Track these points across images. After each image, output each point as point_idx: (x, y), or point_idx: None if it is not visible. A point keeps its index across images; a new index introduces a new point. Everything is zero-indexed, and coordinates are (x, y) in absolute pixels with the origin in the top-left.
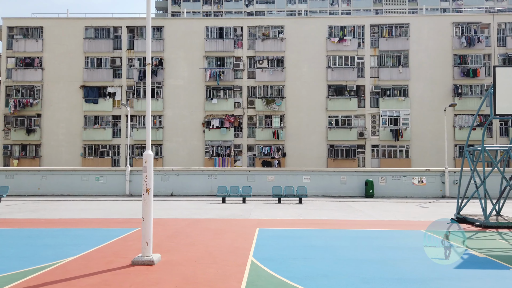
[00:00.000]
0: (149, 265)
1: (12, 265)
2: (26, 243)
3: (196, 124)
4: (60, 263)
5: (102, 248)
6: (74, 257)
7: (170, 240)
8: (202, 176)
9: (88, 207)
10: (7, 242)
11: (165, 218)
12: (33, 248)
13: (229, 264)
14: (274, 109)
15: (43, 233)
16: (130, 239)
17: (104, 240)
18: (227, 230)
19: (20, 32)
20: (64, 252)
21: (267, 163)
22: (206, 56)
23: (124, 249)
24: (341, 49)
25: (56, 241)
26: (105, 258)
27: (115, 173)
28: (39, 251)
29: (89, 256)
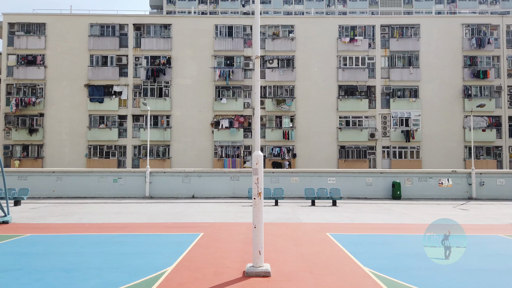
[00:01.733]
0: (265, 276)
1: (115, 277)
2: (101, 252)
3: (204, 124)
4: (163, 275)
5: (189, 257)
6: (170, 267)
7: (251, 247)
8: (224, 177)
9: (120, 210)
10: (80, 250)
11: (218, 222)
12: (114, 257)
13: (350, 275)
14: (284, 110)
15: (106, 240)
16: (208, 246)
17: (179, 247)
18: (297, 235)
19: (21, 28)
20: (153, 261)
21: (277, 164)
22: (215, 55)
23: (216, 258)
24: (351, 49)
25: (131, 249)
26: (207, 268)
27: (134, 175)
28: (125, 261)
29: (187, 267)
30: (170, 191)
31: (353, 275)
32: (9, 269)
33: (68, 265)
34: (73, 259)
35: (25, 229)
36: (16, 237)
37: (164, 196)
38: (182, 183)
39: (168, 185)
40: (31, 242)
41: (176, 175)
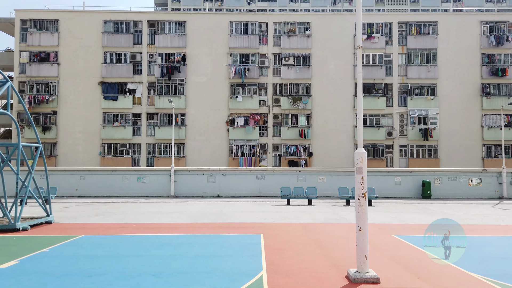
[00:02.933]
0: (374, 283)
1: (216, 283)
2: (174, 254)
3: (219, 122)
4: (263, 280)
5: (272, 260)
6: (262, 271)
7: (331, 251)
8: (250, 176)
9: (156, 210)
10: (152, 252)
11: (267, 222)
12: (193, 259)
13: (463, 281)
14: (300, 108)
15: (169, 241)
16: (281, 248)
17: (251, 250)
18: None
19: (34, 25)
20: (239, 265)
21: (293, 163)
22: (230, 53)
23: (301, 262)
24: (369, 47)
25: (204, 251)
26: (301, 273)
27: (158, 173)
28: (210, 264)
29: (279, 271)
30: (195, 190)
31: (465, 281)
32: (94, 273)
33: (152, 269)
34: (152, 262)
35: (75, 230)
36: (71, 238)
37: (189, 195)
38: (207, 182)
39: (193, 184)
40: (92, 243)
41: (201, 174)
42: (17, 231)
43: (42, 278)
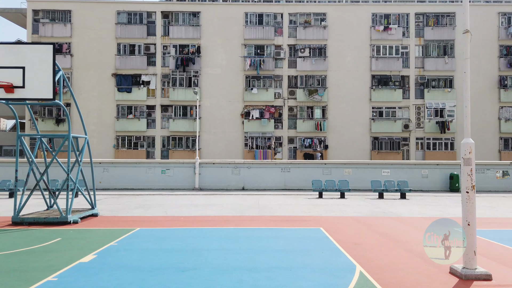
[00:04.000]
0: (486, 279)
1: (323, 280)
2: (246, 248)
3: (234, 115)
4: (364, 276)
5: (358, 256)
6: (358, 267)
7: (408, 245)
8: (274, 169)
9: (188, 203)
10: (224, 246)
11: (316, 216)
12: (273, 253)
13: None
14: (316, 100)
15: (232, 234)
16: (355, 243)
17: (324, 244)
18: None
19: (46, 15)
20: (327, 260)
21: (309, 156)
22: (245, 44)
23: (390, 257)
24: (385, 38)
25: (275, 245)
26: (400, 269)
27: (183, 166)
28: (294, 259)
29: (374, 267)
30: (219, 182)
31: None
32: (186, 267)
33: (243, 263)
34: (236, 256)
35: (125, 223)
36: (128, 231)
37: (213, 187)
38: (231, 175)
39: (218, 177)
40: (156, 236)
41: (225, 167)
42: (68, 224)
43: (135, 273)
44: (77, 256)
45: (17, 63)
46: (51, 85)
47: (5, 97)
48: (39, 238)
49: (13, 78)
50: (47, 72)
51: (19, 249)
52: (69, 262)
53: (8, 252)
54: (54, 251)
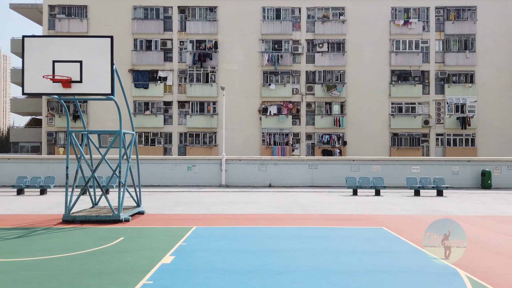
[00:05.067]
0: None
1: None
2: (327, 248)
3: (252, 110)
4: (473, 280)
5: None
6: (460, 272)
7: (493, 247)
8: (301, 166)
9: (225, 200)
10: (300, 247)
11: (366, 214)
12: (362, 256)
13: None
14: (335, 96)
15: (301, 234)
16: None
17: (398, 244)
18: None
19: (62, 11)
20: (420, 263)
21: (327, 152)
22: (262, 39)
23: (480, 258)
24: (405, 33)
25: (351, 245)
26: (508, 274)
27: (209, 162)
28: (390, 261)
29: (476, 270)
30: (246, 179)
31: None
32: (279, 270)
33: (332, 266)
34: (322, 258)
35: (178, 221)
36: (187, 230)
37: (240, 184)
38: (258, 172)
39: (244, 173)
40: (221, 236)
41: (252, 163)
42: (120, 222)
43: (230, 275)
44: (155, 256)
45: (74, 57)
46: (109, 80)
47: (62, 92)
48: (102, 238)
49: (70, 72)
50: (105, 66)
51: (89, 249)
52: (151, 263)
53: (81, 252)
54: (126, 251)
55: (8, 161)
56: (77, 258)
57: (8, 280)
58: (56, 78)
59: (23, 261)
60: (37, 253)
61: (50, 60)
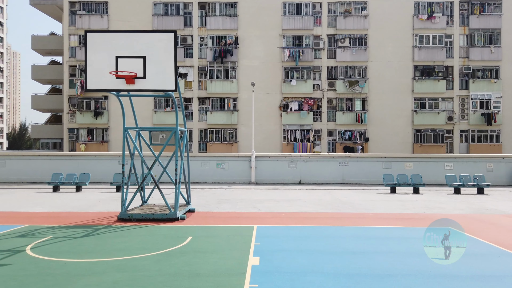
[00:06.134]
0: None
1: None
2: (415, 251)
3: (272, 107)
4: None
5: None
6: None
7: None
8: (332, 162)
9: (261, 198)
10: (390, 248)
11: (406, 213)
12: (460, 259)
13: None
14: (357, 92)
15: (363, 234)
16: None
17: (483, 248)
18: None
19: (82, 7)
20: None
21: (349, 149)
22: (283, 35)
23: None
24: (428, 27)
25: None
26: None
27: (238, 159)
28: (490, 265)
29: None
30: (275, 176)
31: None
32: (383, 274)
33: (433, 270)
34: (411, 260)
35: (234, 219)
36: (249, 229)
37: (269, 181)
38: (287, 169)
39: (273, 170)
40: (288, 235)
41: (281, 160)
42: (176, 220)
43: (334, 279)
44: (239, 258)
45: (137, 53)
46: (172, 76)
47: (125, 88)
48: (170, 237)
49: (132, 68)
50: (168, 62)
51: (166, 249)
52: (240, 265)
53: (160, 252)
54: (205, 251)
55: (38, 158)
56: (161, 258)
57: (109, 282)
58: (122, 74)
59: (110, 262)
60: (116, 253)
61: (113, 56)
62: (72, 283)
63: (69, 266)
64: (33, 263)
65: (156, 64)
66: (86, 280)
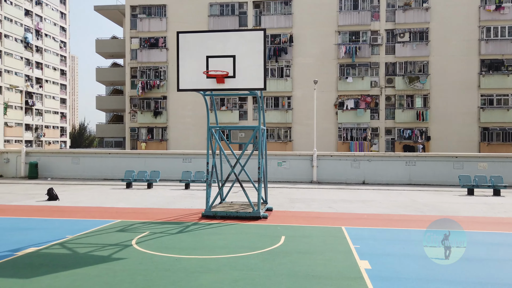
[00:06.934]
0: None
1: None
2: None
3: (327, 105)
4: None
5: None
6: None
7: None
8: (398, 162)
9: (333, 198)
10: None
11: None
12: None
13: None
14: (417, 88)
15: (477, 239)
16: None
17: None
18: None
19: (143, 11)
20: None
21: (409, 148)
22: (339, 31)
23: None
24: (497, 18)
25: None
26: None
27: (299, 158)
28: None
29: None
30: (337, 175)
31: None
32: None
33: None
34: None
35: (316, 220)
36: (337, 230)
37: (331, 181)
38: (350, 168)
39: (335, 170)
40: (383, 238)
41: (343, 159)
42: (259, 219)
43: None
44: (346, 260)
45: (227, 52)
46: (262, 74)
47: (216, 87)
48: (262, 236)
49: (222, 67)
50: (258, 60)
51: (266, 248)
52: (352, 269)
53: (262, 251)
54: (306, 252)
55: (109, 156)
56: (266, 257)
57: (229, 280)
58: (215, 73)
59: (219, 259)
60: (220, 250)
61: (204, 55)
62: (193, 279)
63: (182, 262)
64: (147, 258)
65: (245, 62)
66: (206, 277)
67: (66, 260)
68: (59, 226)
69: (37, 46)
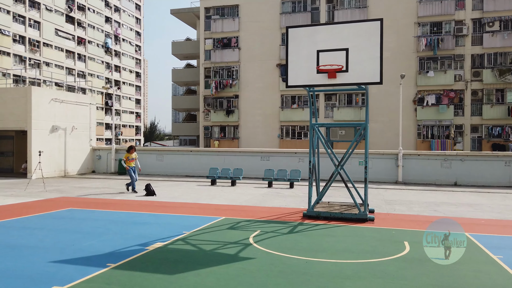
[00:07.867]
0: None
1: None
2: None
3: (405, 101)
4: None
5: None
6: None
7: None
8: (496, 162)
9: (430, 200)
10: None
11: None
12: None
13: None
14: (509, 81)
15: None
16: None
17: None
18: None
19: (216, 12)
20: None
21: (499, 147)
22: (418, 23)
23: None
24: None
25: None
26: None
27: (382, 157)
28: None
29: None
30: (425, 176)
31: None
32: None
33: None
34: None
35: (428, 224)
36: (460, 237)
37: (418, 182)
38: (440, 168)
39: (423, 170)
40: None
41: (432, 159)
42: (366, 221)
43: None
44: (501, 274)
45: (339, 45)
46: (378, 67)
47: (327, 83)
48: (383, 240)
49: (333, 61)
50: (373, 53)
51: (394, 255)
52: None
53: (393, 257)
54: (456, 262)
55: (190, 153)
56: (403, 266)
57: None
58: (326, 68)
59: (352, 264)
60: (347, 255)
61: (314, 50)
62: (339, 286)
63: (314, 265)
64: (275, 258)
65: (359, 56)
66: (351, 285)
67: (197, 257)
68: (171, 221)
69: (115, 51)
